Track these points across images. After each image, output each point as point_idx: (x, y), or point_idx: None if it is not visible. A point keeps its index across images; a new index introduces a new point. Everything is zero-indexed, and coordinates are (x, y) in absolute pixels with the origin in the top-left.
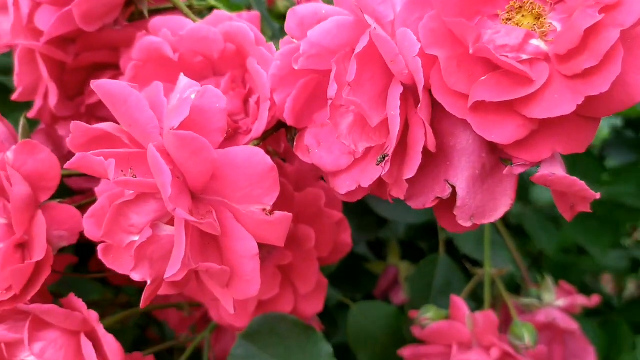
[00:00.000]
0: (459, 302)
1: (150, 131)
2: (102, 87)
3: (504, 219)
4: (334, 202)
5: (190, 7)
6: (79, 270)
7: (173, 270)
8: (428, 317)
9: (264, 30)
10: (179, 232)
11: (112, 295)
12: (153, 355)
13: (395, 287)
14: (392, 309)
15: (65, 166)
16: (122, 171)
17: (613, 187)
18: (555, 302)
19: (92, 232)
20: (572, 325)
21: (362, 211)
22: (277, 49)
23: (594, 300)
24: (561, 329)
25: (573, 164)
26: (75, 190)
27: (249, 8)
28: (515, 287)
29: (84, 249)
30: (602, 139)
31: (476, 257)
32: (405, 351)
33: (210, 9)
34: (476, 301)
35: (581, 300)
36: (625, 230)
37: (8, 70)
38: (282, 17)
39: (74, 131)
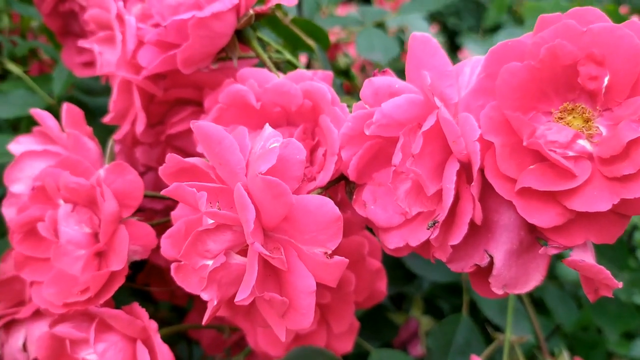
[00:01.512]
0: None
1: (238, 171)
2: (200, 127)
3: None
4: (375, 252)
5: (269, 58)
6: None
7: (243, 295)
8: None
9: None
10: (252, 262)
11: (152, 310)
12: None
13: (414, 339)
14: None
15: (162, 193)
16: (210, 203)
17: (637, 274)
18: None
19: (167, 251)
20: None
21: (393, 264)
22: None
23: None
24: None
25: (601, 247)
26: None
27: (310, 57)
28: (531, 357)
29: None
30: (632, 224)
31: (497, 323)
32: None
33: (287, 62)
34: None
35: None
36: None
37: (89, 91)
38: (341, 73)
39: (168, 161)
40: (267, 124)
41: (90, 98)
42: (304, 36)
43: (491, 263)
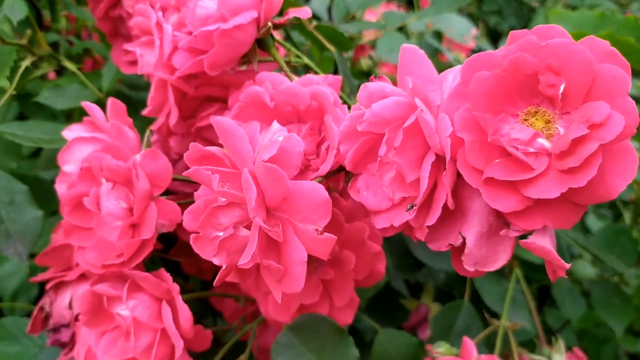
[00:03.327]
0: (470, 344)
1: (247, 159)
2: (218, 122)
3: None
4: (376, 236)
5: (288, 62)
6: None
7: (245, 259)
8: (439, 351)
9: (344, 87)
10: (253, 233)
11: (182, 282)
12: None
13: (423, 324)
14: (415, 340)
15: (183, 174)
16: (221, 183)
17: None
18: None
19: (189, 224)
20: None
21: (402, 253)
22: (356, 102)
23: None
24: None
25: (612, 244)
26: (170, 191)
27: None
28: (532, 345)
29: (167, 241)
30: None
31: (496, 310)
32: None
33: (304, 66)
34: (491, 350)
35: None
36: None
37: (134, 86)
38: (363, 75)
39: (191, 149)
40: (275, 121)
41: (134, 92)
42: (325, 41)
43: (464, 244)
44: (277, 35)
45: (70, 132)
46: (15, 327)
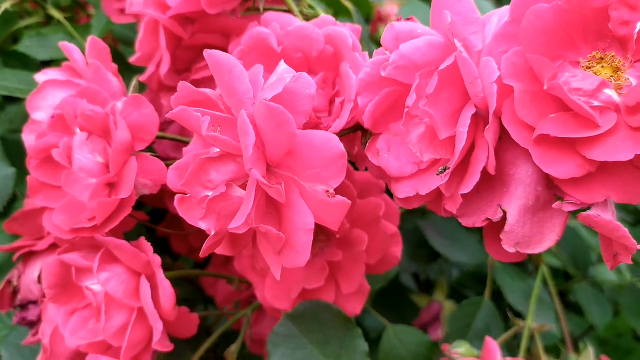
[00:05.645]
0: (493, 345)
1: (245, 101)
2: (213, 55)
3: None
4: (392, 215)
5: (300, 13)
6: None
7: (237, 223)
8: (459, 352)
9: (362, 48)
10: (250, 190)
11: (171, 261)
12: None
13: (435, 323)
14: (427, 339)
15: (167, 115)
16: (212, 127)
17: None
18: None
19: (174, 183)
20: None
21: (417, 242)
22: None
23: None
24: None
25: None
26: (161, 157)
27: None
28: (556, 350)
29: (156, 215)
30: None
31: (520, 309)
32: None
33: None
34: (511, 353)
35: None
36: None
37: (128, 42)
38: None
39: (180, 90)
40: (282, 61)
41: (128, 49)
42: None
43: (504, 219)
44: None
45: (44, 75)
46: None
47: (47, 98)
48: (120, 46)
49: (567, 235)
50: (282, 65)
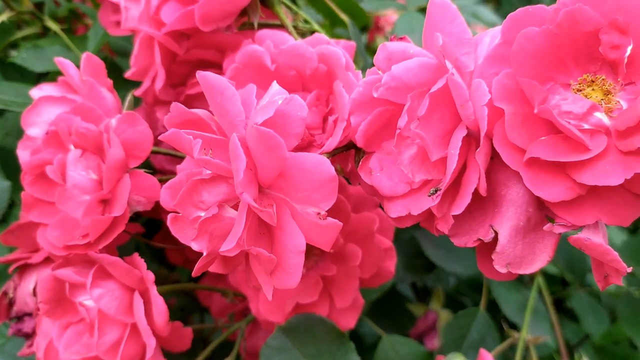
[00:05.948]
0: (487, 357)
1: (237, 123)
2: (205, 77)
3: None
4: (386, 230)
5: (295, 27)
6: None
7: (229, 245)
8: None
9: (357, 61)
10: (241, 213)
11: (167, 272)
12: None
13: (431, 332)
14: (422, 350)
15: (160, 137)
16: (204, 150)
17: None
18: None
19: (166, 201)
20: None
21: (413, 253)
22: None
23: None
24: None
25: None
26: (157, 170)
27: (349, 39)
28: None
29: (151, 225)
30: None
31: (515, 321)
32: None
33: (313, 32)
34: None
35: None
36: None
37: (122, 53)
38: None
39: (173, 111)
40: (275, 81)
41: (125, 61)
42: (338, 11)
43: (495, 239)
44: None
45: (40, 91)
46: None
47: (42, 114)
48: (117, 57)
49: (563, 242)
50: (275, 86)
